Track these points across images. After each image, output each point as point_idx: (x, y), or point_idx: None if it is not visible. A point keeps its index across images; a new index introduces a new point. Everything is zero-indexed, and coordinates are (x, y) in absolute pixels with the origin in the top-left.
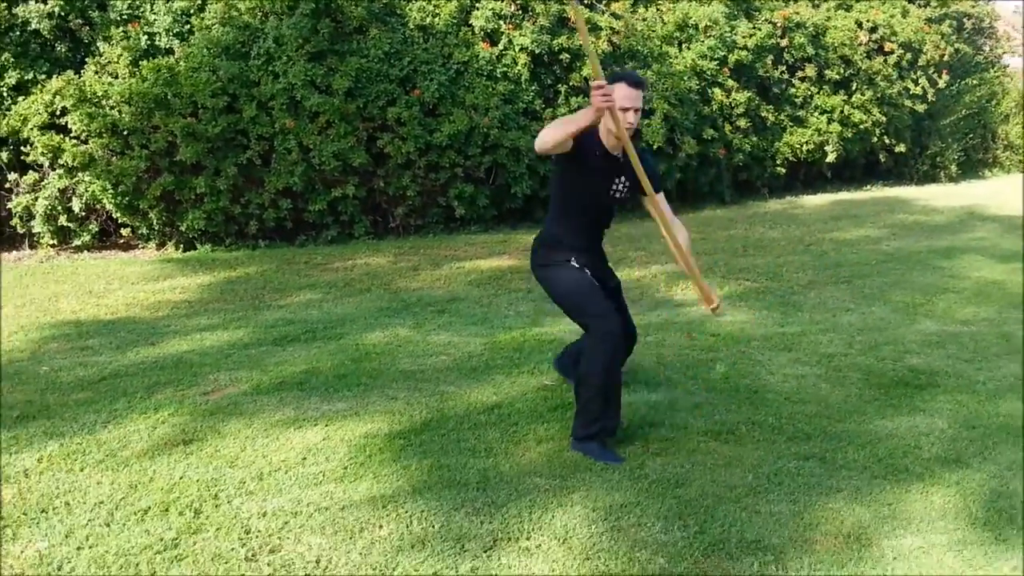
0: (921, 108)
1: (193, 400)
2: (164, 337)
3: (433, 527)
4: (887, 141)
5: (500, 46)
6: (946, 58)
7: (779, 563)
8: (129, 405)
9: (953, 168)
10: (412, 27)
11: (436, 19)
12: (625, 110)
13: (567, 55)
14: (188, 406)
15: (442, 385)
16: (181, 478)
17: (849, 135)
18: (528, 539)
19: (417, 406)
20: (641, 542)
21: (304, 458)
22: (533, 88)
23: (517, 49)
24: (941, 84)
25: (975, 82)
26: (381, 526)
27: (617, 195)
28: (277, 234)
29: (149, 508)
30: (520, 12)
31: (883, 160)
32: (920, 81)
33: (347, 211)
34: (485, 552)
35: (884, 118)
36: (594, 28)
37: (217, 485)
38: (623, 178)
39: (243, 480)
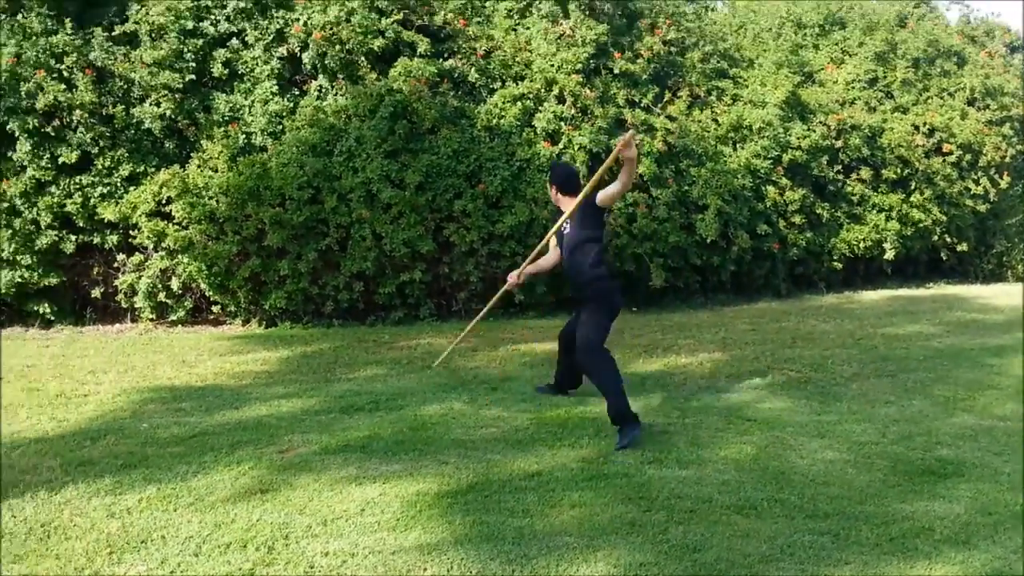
0: (983, 208)
1: (270, 457)
2: (246, 402)
3: (471, 572)
4: (948, 240)
5: (560, 145)
6: (1007, 159)
7: None
8: (215, 459)
9: (1020, 268)
10: (480, 128)
11: (502, 121)
12: None
13: None
14: (265, 462)
15: (489, 453)
16: (258, 521)
17: (908, 233)
18: None
19: (465, 470)
20: None
21: (363, 509)
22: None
23: (576, 147)
24: (1003, 185)
25: None
26: (426, 569)
27: (565, 228)
28: (350, 314)
29: (230, 544)
30: (580, 114)
31: (945, 258)
32: (981, 181)
33: (414, 294)
34: None
35: (944, 217)
36: (649, 129)
37: (288, 528)
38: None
39: (310, 525)
